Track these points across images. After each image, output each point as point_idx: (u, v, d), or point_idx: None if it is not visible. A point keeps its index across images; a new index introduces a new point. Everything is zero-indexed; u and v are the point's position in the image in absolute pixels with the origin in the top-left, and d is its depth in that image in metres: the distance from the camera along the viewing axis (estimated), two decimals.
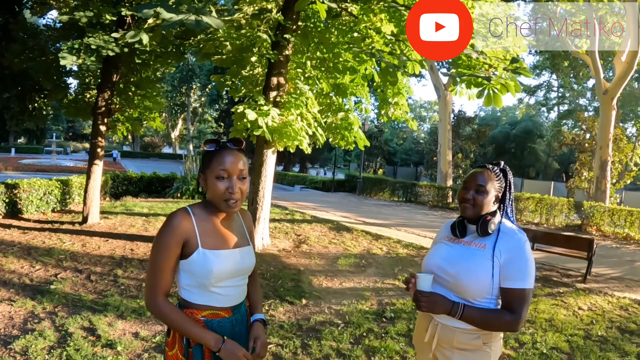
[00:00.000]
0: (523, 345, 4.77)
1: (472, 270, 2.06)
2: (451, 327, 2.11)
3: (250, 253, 2.03)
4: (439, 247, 2.31)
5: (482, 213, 2.14)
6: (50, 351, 4.13)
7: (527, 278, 2.01)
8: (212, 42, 8.33)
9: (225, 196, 1.82)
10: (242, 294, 2.04)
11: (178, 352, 1.88)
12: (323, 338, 4.68)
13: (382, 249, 9.30)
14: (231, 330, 1.93)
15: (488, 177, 2.17)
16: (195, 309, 1.88)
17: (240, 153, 1.88)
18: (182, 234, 1.81)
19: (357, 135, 9.26)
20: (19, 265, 6.89)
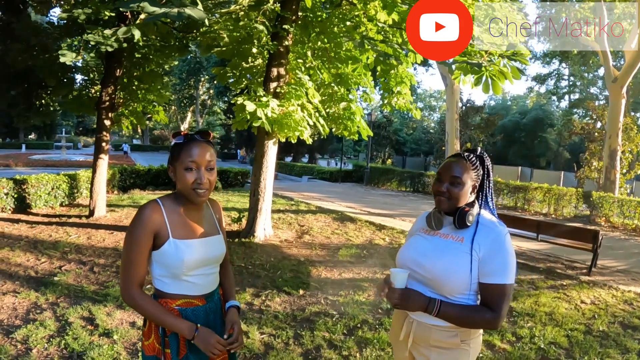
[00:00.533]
0: (520, 339, 4.69)
1: (449, 264, 1.95)
2: (427, 325, 2.03)
3: (220, 242, 2.08)
4: (415, 239, 2.20)
5: (459, 205, 2.02)
6: (49, 340, 4.23)
7: (507, 273, 1.91)
8: (209, 34, 8.38)
9: (194, 186, 1.87)
10: (214, 282, 2.08)
11: (154, 342, 1.94)
12: (316, 329, 4.70)
13: (384, 239, 9.33)
14: (205, 318, 1.98)
15: (463, 166, 2.02)
16: (169, 299, 1.93)
17: (207, 145, 1.92)
18: (153, 225, 1.86)
19: (360, 125, 9.27)
20: (25, 258, 7.02)
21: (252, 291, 5.82)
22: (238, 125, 7.65)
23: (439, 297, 1.97)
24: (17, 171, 23.32)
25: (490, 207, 2.13)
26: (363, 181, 24.28)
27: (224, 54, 8.60)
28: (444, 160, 2.14)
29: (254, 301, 5.48)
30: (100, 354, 3.95)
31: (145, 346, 1.98)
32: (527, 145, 43.85)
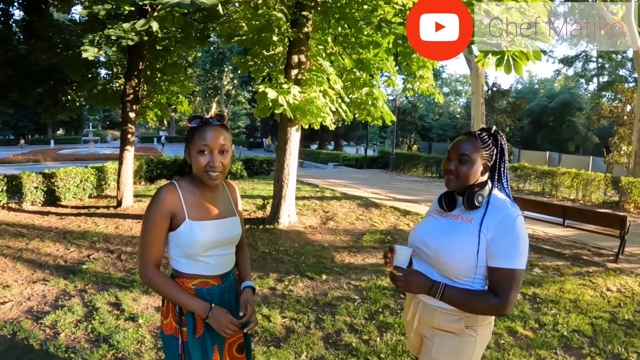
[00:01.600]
0: (543, 326, 4.60)
1: (454, 245, 1.90)
2: (432, 307, 2.00)
3: (235, 223, 2.12)
4: (426, 220, 2.18)
5: (468, 184, 1.96)
6: (77, 324, 4.37)
7: (516, 257, 1.82)
8: (229, 24, 8.41)
9: (207, 169, 1.90)
10: (230, 263, 2.13)
11: (172, 320, 1.99)
12: (338, 313, 4.74)
13: (409, 224, 9.29)
14: (220, 297, 2.04)
15: (473, 144, 1.96)
16: (185, 278, 1.99)
17: (221, 128, 1.94)
18: (169, 207, 1.91)
19: (383, 110, 9.21)
20: (54, 248, 7.19)
21: (275, 276, 5.88)
22: (260, 113, 7.69)
23: (444, 280, 1.93)
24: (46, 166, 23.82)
25: (506, 189, 2.03)
26: (388, 167, 24.16)
27: (244, 42, 8.61)
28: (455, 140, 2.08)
29: (277, 286, 5.54)
30: (126, 337, 4.06)
31: (164, 325, 2.04)
32: (555, 129, 43.12)
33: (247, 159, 19.52)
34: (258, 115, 7.87)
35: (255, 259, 6.67)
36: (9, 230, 8.34)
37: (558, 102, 43.73)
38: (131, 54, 10.00)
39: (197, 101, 53.07)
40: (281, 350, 3.90)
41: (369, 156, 27.20)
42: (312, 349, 3.96)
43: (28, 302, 4.97)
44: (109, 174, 13.50)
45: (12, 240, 7.62)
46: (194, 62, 31.64)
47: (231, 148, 2.01)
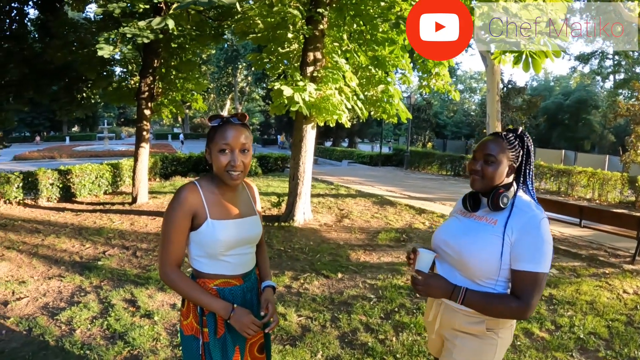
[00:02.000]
0: (560, 328, 4.53)
1: (478, 246, 1.88)
2: (454, 309, 1.97)
3: (256, 222, 2.10)
4: (450, 221, 2.14)
5: (493, 185, 1.93)
6: (92, 321, 4.37)
7: (540, 260, 1.79)
8: (244, 21, 8.38)
9: (228, 168, 1.88)
10: (252, 262, 2.11)
11: (193, 321, 1.97)
12: (353, 312, 4.70)
13: (424, 223, 9.22)
14: (242, 297, 2.02)
15: (500, 145, 1.93)
16: (207, 279, 1.97)
17: (243, 127, 1.92)
18: (191, 206, 1.89)
19: (399, 107, 9.13)
20: (70, 244, 7.23)
21: (290, 274, 5.85)
22: (276, 110, 7.66)
23: (467, 281, 1.91)
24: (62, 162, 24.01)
25: (530, 190, 2.01)
26: (403, 165, 24.08)
27: (259, 40, 8.59)
28: (481, 140, 2.05)
29: (292, 284, 5.51)
30: (141, 334, 4.06)
31: (184, 325, 2.01)
32: (571, 127, 42.68)
33: (261, 156, 19.54)
34: (273, 113, 7.85)
35: (270, 256, 6.64)
36: (25, 226, 8.40)
37: (574, 100, 43.29)
38: (146, 51, 10.04)
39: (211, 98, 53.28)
40: (297, 349, 3.87)
41: (383, 153, 27.08)
42: (328, 348, 3.93)
43: (44, 298, 4.98)
44: (124, 171, 13.59)
45: (28, 236, 7.67)
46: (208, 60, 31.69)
47: (251, 147, 1.99)
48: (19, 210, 9.94)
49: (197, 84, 11.72)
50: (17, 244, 7.18)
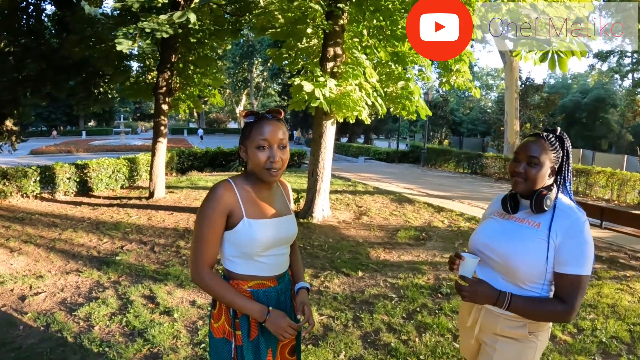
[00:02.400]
0: (582, 331, 4.40)
1: (524, 250, 1.85)
2: (495, 313, 1.95)
3: (292, 222, 2.04)
4: (488, 223, 2.11)
5: (536, 188, 1.91)
6: (111, 317, 4.33)
7: (584, 263, 1.78)
8: (264, 16, 8.29)
9: (267, 165, 1.81)
10: (286, 263, 2.05)
11: (225, 324, 1.90)
12: (375, 311, 4.62)
13: (443, 221, 9.08)
14: (277, 299, 1.95)
15: (542, 146, 1.90)
16: (240, 280, 1.90)
17: (279, 123, 1.86)
18: (226, 205, 1.82)
19: (419, 104, 9.00)
20: (87, 239, 7.21)
21: (310, 272, 5.78)
22: (295, 105, 7.57)
23: (511, 285, 1.89)
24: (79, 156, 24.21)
25: (569, 192, 1.99)
26: (420, 162, 23.90)
27: (278, 35, 8.50)
28: (522, 141, 2.01)
29: (312, 282, 5.44)
30: (161, 332, 4.01)
31: (215, 328, 1.94)
32: (588, 126, 42.22)
33: None
34: (292, 108, 7.75)
35: None
36: (42, 220, 8.40)
37: (592, 98, 42.78)
38: (164, 46, 10.01)
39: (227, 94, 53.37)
40: (320, 349, 3.80)
41: (400, 150, 26.88)
42: (351, 348, 3.85)
43: (61, 294, 4.95)
44: (140, 165, 13.61)
45: (45, 230, 7.67)
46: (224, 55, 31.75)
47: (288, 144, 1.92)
48: (36, 204, 9.96)
49: (214, 79, 11.69)
50: (34, 238, 7.18)
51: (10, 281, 5.28)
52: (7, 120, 13.26)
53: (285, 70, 44.15)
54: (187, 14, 7.06)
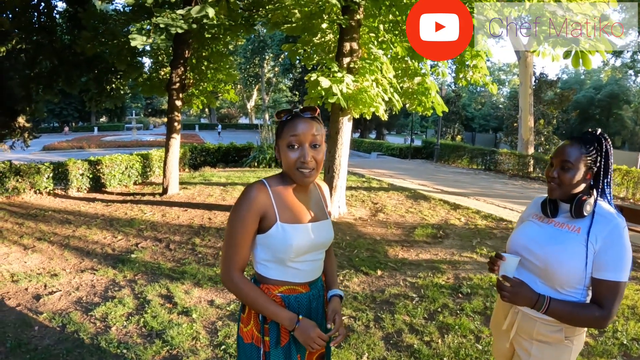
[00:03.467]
0: (603, 333, 4.30)
1: (565, 255, 1.82)
2: (532, 317, 1.92)
3: (329, 227, 1.94)
4: (527, 225, 2.07)
5: (572, 192, 1.88)
6: (128, 318, 4.25)
7: (622, 269, 1.76)
8: (280, 10, 8.18)
9: (297, 165, 1.72)
10: (320, 269, 1.96)
11: (254, 329, 1.83)
12: (396, 312, 4.52)
13: (460, 219, 8.94)
14: (308, 305, 1.87)
15: (577, 150, 1.86)
16: (271, 285, 1.82)
17: (313, 121, 1.76)
18: (260, 207, 1.74)
19: (435, 100, 8.86)
20: (101, 236, 7.15)
21: None
22: (312, 101, 7.46)
23: (549, 289, 1.87)
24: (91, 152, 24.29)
25: (607, 196, 1.93)
26: (433, 158, 23.72)
27: (293, 30, 8.39)
28: (559, 145, 1.97)
29: None
30: (180, 333, 3.94)
31: (244, 333, 1.87)
32: (602, 122, 41.95)
33: None
34: (308, 104, 7.64)
35: None
36: (56, 217, 8.37)
37: (605, 94, 42.43)
38: (177, 42, 9.97)
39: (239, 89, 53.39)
40: (342, 350, 3.71)
41: (413, 146, 26.69)
42: (374, 349, 3.77)
43: (77, 293, 4.88)
44: (153, 161, 13.60)
45: (59, 227, 7.62)
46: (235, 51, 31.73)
47: (324, 142, 1.80)
48: (49, 201, 9.94)
49: (228, 74, 11.63)
50: (48, 235, 7.13)
51: (25, 279, 5.23)
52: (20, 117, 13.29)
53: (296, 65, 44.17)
54: (205, 9, 6.97)
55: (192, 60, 10.75)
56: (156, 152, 14.04)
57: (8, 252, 6.34)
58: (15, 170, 10.23)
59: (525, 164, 18.78)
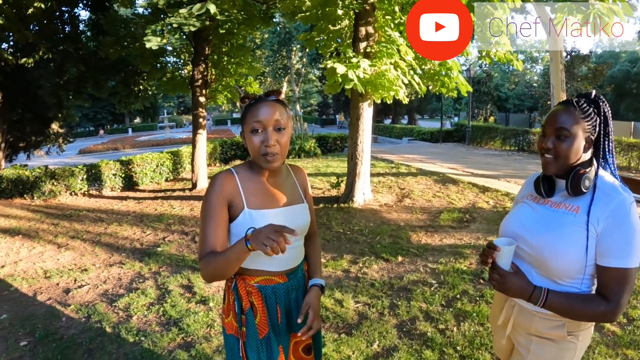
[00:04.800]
0: (632, 322, 3.99)
1: (561, 243, 1.58)
2: (530, 311, 1.72)
3: (303, 211, 1.89)
4: (520, 208, 1.84)
5: (570, 165, 1.63)
6: (149, 307, 4.40)
7: (631, 254, 1.51)
8: (291, 0, 8.18)
9: (262, 150, 1.67)
10: (298, 257, 1.90)
11: (232, 319, 1.82)
12: (413, 299, 4.46)
13: (488, 202, 8.78)
14: (286, 296, 1.84)
15: (572, 115, 1.60)
16: (247, 275, 1.79)
17: (276, 103, 1.72)
18: (226, 194, 1.71)
19: (458, 80, 8.69)
20: (131, 231, 7.35)
21: (349, 258, 5.70)
22: (330, 89, 7.46)
23: (547, 280, 1.64)
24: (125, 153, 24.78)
25: (611, 166, 1.70)
26: (464, 141, 23.35)
27: (308, 19, 8.37)
28: (550, 111, 1.71)
29: (351, 268, 5.35)
30: (196, 321, 4.04)
31: (225, 324, 1.87)
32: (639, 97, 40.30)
33: (320, 137, 19.50)
34: (328, 92, 7.66)
35: (329, 239, 6.51)
36: (89, 216, 8.61)
37: None
38: (196, 39, 10.13)
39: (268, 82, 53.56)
40: (352, 338, 3.71)
41: (444, 129, 26.36)
42: (385, 337, 3.73)
43: (104, 285, 5.06)
44: (184, 158, 13.83)
45: (91, 225, 7.85)
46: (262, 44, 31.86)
47: (290, 126, 1.76)
48: (84, 201, 10.24)
49: (250, 68, 11.70)
50: (81, 234, 7.37)
51: (57, 275, 5.46)
52: (53, 124, 13.75)
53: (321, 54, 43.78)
54: (206, 5, 7.07)
55: (213, 56, 10.88)
56: (186, 148, 14.25)
57: (42, 250, 6.60)
58: (50, 174, 10.60)
59: None
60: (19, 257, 6.34)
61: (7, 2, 8.66)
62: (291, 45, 49.80)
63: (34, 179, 10.52)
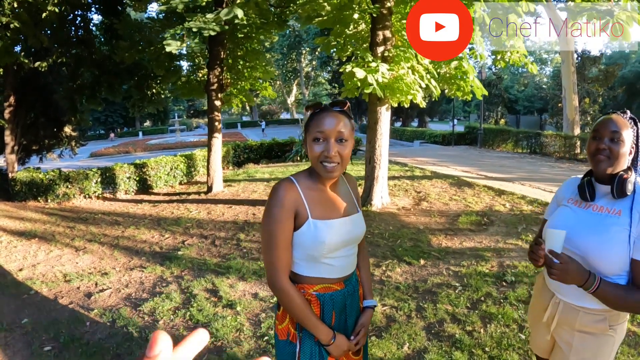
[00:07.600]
0: None
1: (607, 244, 1.69)
2: (574, 307, 1.81)
3: (360, 220, 1.90)
4: (563, 212, 1.93)
5: (619, 168, 1.75)
6: (175, 312, 4.39)
7: None
8: (310, 4, 8.18)
9: (321, 159, 1.68)
10: (353, 264, 1.92)
11: (289, 325, 1.82)
12: (439, 301, 4.47)
13: (505, 205, 8.74)
14: (342, 302, 1.86)
15: (622, 123, 1.74)
16: (306, 284, 1.79)
17: (340, 114, 1.71)
18: (291, 204, 1.70)
19: (474, 84, 8.69)
20: (149, 235, 7.35)
21: (372, 261, 5.69)
22: (348, 93, 7.44)
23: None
24: (137, 156, 24.93)
25: None
26: (476, 143, 23.30)
27: (325, 23, 8.38)
28: (599, 118, 1.84)
29: (374, 272, 5.35)
30: (224, 325, 4.03)
31: (279, 330, 1.87)
32: None
33: None
34: (345, 96, 7.64)
35: None
36: (105, 219, 8.63)
37: None
38: (212, 44, 10.16)
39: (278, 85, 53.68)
40: (383, 340, 3.71)
41: (456, 132, 26.31)
42: (415, 339, 3.74)
43: (126, 289, 5.06)
44: (197, 161, 13.89)
45: (108, 229, 7.87)
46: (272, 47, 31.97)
47: (352, 137, 1.76)
48: (98, 204, 10.27)
49: (264, 71, 11.76)
50: (98, 237, 7.38)
51: (77, 279, 5.45)
52: (66, 127, 13.82)
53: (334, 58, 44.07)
54: (234, 11, 7.09)
55: (228, 60, 10.91)
56: (200, 152, 14.32)
57: (60, 254, 6.62)
58: (64, 177, 10.64)
59: (572, 145, 18.14)
60: (37, 261, 6.37)
61: (22, 5, 8.70)
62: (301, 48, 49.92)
63: (48, 182, 10.58)
